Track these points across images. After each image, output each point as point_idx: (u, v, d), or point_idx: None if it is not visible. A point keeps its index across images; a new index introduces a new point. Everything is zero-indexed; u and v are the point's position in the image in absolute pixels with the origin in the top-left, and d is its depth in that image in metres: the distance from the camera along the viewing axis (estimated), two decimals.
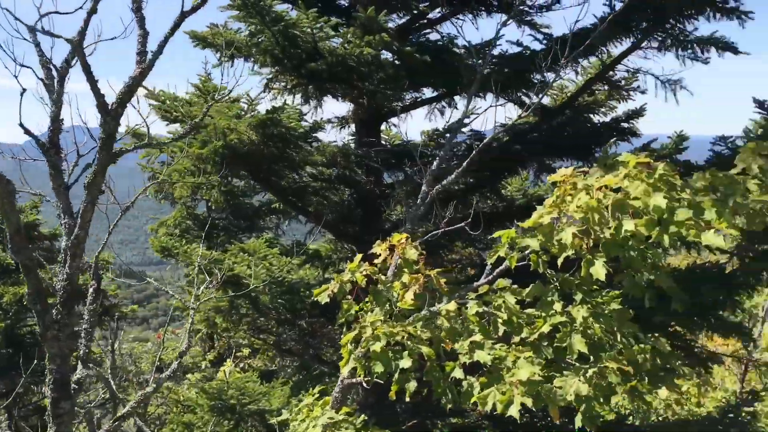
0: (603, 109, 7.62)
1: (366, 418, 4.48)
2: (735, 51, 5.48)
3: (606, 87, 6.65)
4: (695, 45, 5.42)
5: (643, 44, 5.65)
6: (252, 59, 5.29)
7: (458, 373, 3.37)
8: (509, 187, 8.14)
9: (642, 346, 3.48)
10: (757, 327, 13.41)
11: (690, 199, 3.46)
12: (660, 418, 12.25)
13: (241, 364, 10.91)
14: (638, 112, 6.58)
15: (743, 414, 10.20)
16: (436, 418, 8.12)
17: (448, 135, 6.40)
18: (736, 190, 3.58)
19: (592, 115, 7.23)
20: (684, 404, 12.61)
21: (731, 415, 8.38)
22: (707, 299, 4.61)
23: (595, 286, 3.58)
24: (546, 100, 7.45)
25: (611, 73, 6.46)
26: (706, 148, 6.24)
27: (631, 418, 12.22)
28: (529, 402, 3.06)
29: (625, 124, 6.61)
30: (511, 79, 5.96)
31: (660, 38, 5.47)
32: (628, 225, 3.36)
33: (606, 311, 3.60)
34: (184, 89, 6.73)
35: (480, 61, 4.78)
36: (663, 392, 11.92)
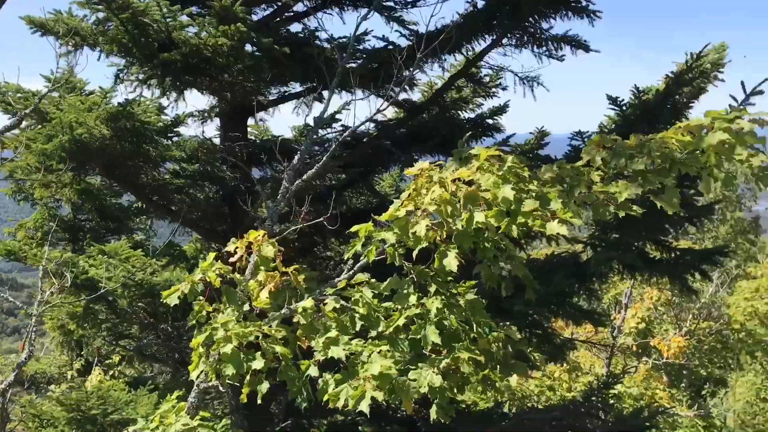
0: (471, 106, 7.80)
1: (228, 421, 4.32)
2: (586, 49, 5.76)
3: (471, 84, 6.81)
4: (550, 42, 5.65)
5: (504, 41, 5.82)
6: (99, 48, 4.97)
7: (313, 371, 3.30)
8: (383, 183, 8.18)
9: (495, 334, 3.54)
10: (621, 313, 14.32)
11: (537, 190, 3.55)
12: (534, 405, 12.80)
13: (111, 372, 10.32)
14: (501, 109, 6.78)
15: (606, 396, 10.82)
16: (314, 417, 8.02)
17: (311, 130, 6.31)
18: (580, 182, 3.71)
19: (460, 112, 7.38)
20: (556, 390, 13.25)
21: (593, 398, 8.84)
22: (563, 287, 4.79)
23: (450, 278, 3.61)
24: (417, 97, 7.52)
25: (475, 71, 6.62)
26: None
27: (508, 404, 12.72)
28: (380, 396, 3.02)
29: (490, 121, 6.80)
30: (378, 74, 5.96)
31: (518, 35, 5.66)
32: (479, 216, 3.41)
33: (461, 302, 3.63)
34: (41, 83, 6.24)
35: (344, 55, 4.72)
36: (513, 380, 12.52)
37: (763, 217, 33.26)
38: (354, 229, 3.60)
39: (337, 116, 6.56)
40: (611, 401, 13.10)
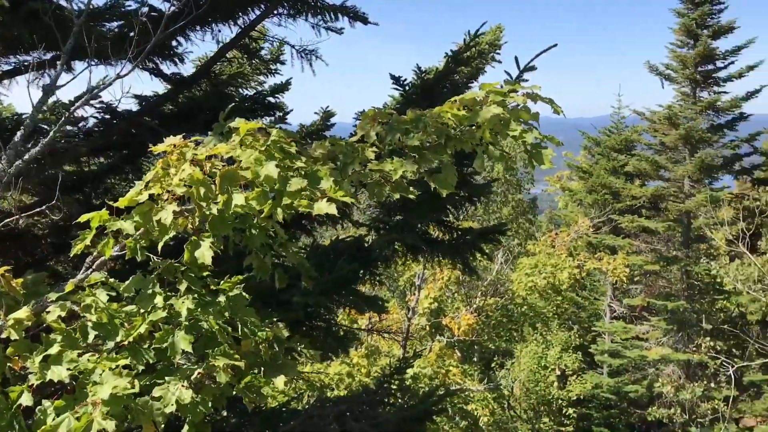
0: (253, 84, 7.27)
1: None
2: (365, 21, 5.50)
3: (247, 57, 6.27)
4: (327, 12, 5.30)
5: (279, 10, 5.36)
6: None
7: (26, 399, 2.61)
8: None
9: (262, 334, 3.08)
10: (415, 295, 14.68)
11: (306, 167, 3.14)
12: (334, 393, 12.66)
13: None
14: (284, 87, 6.33)
15: (402, 378, 10.92)
16: None
17: (62, 106, 5.40)
18: (354, 159, 3.37)
19: (240, 89, 6.81)
20: (355, 376, 13.21)
21: (387, 383, 8.80)
22: (346, 274, 4.49)
23: (207, 272, 3.08)
24: (192, 72, 6.81)
25: (253, 44, 6.10)
26: None
27: (306, 397, 12.44)
28: (110, 426, 2.43)
29: (271, 99, 6.30)
30: (139, 42, 5.19)
31: (292, 2, 5.23)
32: (238, 199, 2.91)
33: (222, 300, 3.12)
34: None
35: (77, 11, 3.94)
36: (280, 382, 12.35)
37: (540, 199, 36.53)
38: (83, 218, 2.94)
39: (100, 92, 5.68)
40: (407, 383, 13.42)
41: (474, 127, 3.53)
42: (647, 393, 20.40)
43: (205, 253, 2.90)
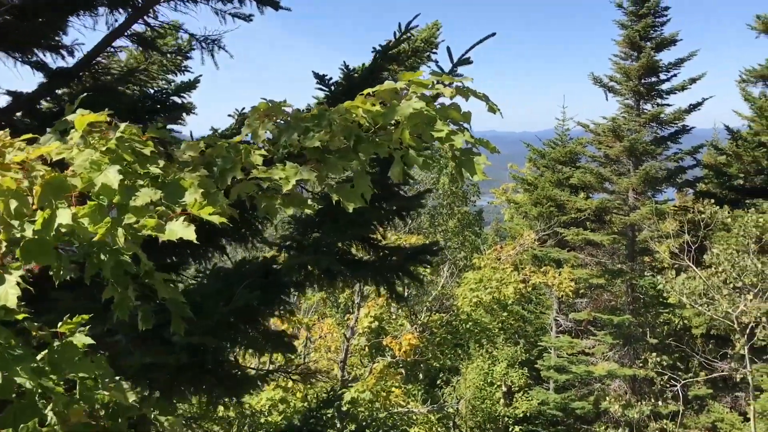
0: (162, 83, 6.46)
1: None
2: (276, 6, 4.77)
3: (141, 48, 5.45)
4: None
5: None
6: None
7: None
8: None
9: (101, 397, 2.31)
10: (354, 314, 13.92)
11: (162, 173, 2.39)
12: (263, 421, 11.78)
13: None
14: (191, 85, 5.53)
15: (339, 404, 10.18)
16: None
17: None
18: (235, 164, 2.63)
19: (146, 88, 5.98)
20: (290, 401, 12.35)
21: (323, 410, 8.09)
22: (247, 304, 3.73)
23: (21, 314, 2.28)
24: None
25: (148, 32, 5.28)
26: None
27: (235, 426, 11.53)
28: None
29: (177, 99, 5.50)
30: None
31: None
32: (64, 216, 2.14)
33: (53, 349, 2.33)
34: None
35: None
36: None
37: (486, 211, 36.33)
38: None
39: None
40: (345, 408, 12.64)
41: (392, 127, 2.81)
42: (594, 410, 20.08)
43: (9, 291, 2.11)
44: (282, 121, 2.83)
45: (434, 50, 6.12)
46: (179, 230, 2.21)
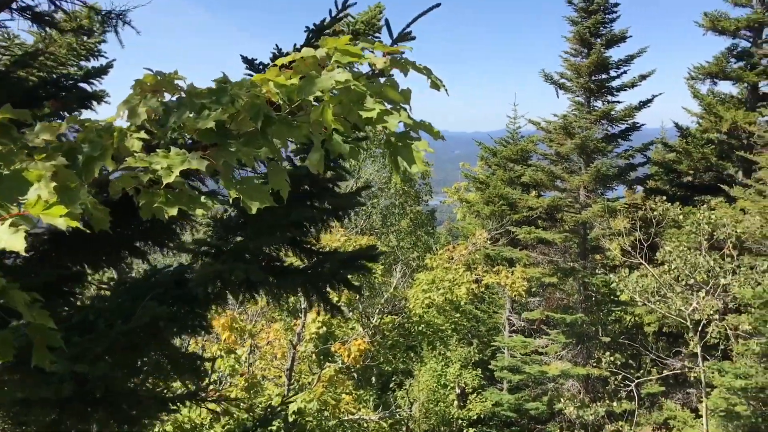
0: (74, 69, 5.76)
1: None
2: None
3: (33, 26, 4.77)
4: None
5: None
6: None
7: None
8: None
9: None
10: (301, 319, 13.30)
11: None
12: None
13: None
14: (102, 70, 4.86)
15: (285, 415, 9.60)
16: None
17: None
18: (105, 150, 2.05)
19: (53, 75, 5.28)
20: (233, 413, 11.66)
21: (262, 425, 7.54)
22: (153, 321, 3.13)
23: None
24: None
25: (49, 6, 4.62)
26: None
27: None
28: None
29: (86, 87, 4.83)
30: None
31: None
32: None
33: None
34: None
35: None
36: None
37: (439, 210, 36.01)
38: None
39: None
40: (292, 419, 12.02)
41: (313, 105, 2.24)
42: (548, 410, 19.88)
43: None
44: (174, 98, 2.25)
45: (377, 34, 5.61)
46: (3, 238, 1.63)
